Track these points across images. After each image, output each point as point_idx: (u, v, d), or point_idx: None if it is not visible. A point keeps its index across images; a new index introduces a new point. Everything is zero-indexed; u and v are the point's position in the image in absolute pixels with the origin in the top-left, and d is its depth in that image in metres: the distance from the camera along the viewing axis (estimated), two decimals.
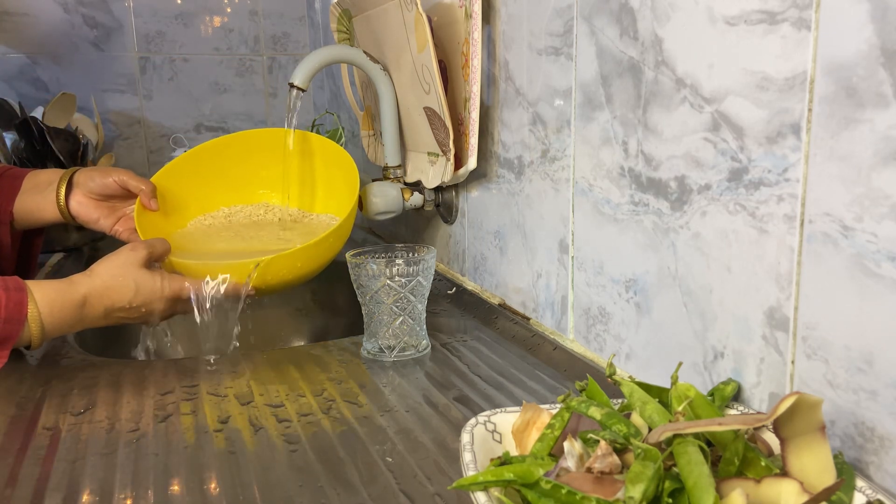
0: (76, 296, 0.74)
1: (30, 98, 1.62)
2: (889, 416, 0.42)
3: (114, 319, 0.78)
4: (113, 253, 0.79)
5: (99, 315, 0.76)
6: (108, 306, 0.76)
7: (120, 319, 0.78)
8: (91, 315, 0.76)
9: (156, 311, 0.80)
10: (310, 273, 0.90)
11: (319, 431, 0.60)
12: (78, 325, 0.76)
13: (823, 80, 0.44)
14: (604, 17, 0.65)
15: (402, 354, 0.77)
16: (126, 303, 0.77)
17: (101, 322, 0.77)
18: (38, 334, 0.72)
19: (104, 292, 0.76)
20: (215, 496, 0.50)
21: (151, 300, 0.78)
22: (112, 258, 0.78)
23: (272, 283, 0.85)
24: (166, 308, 0.80)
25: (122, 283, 0.77)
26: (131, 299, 0.77)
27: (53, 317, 0.73)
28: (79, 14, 1.66)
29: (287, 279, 0.87)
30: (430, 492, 0.50)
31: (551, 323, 0.79)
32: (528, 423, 0.50)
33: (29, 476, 0.53)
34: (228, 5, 1.78)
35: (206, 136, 1.81)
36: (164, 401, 0.67)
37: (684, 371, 0.58)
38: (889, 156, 0.41)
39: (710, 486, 0.37)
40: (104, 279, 0.77)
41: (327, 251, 0.89)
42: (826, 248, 0.45)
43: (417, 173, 1.06)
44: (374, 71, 1.05)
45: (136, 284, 0.78)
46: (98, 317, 0.76)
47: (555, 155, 0.76)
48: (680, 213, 0.58)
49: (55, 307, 0.73)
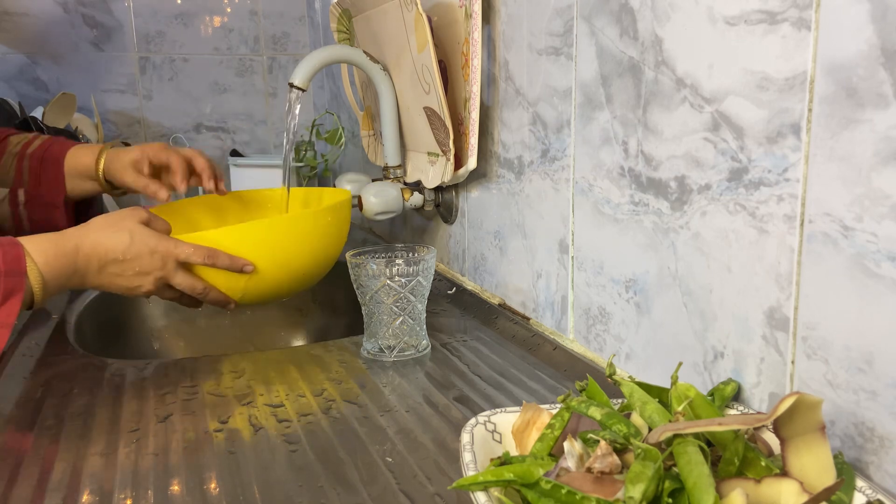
0: (69, 244, 0.73)
1: (30, 98, 1.63)
2: (889, 416, 0.42)
3: (109, 277, 0.76)
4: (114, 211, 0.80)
5: (94, 268, 0.75)
6: (102, 257, 0.75)
7: (115, 279, 0.76)
8: (86, 267, 0.74)
9: (150, 272, 0.77)
10: (304, 269, 0.88)
11: (319, 431, 0.60)
12: (76, 278, 0.74)
13: (823, 80, 0.44)
14: (604, 17, 0.65)
15: (402, 354, 0.77)
16: (120, 254, 0.75)
17: (98, 279, 0.76)
18: (38, 287, 0.70)
19: (97, 240, 0.75)
20: (215, 496, 0.50)
21: (143, 254, 0.76)
22: (111, 213, 0.79)
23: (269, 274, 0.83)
24: (160, 271, 0.78)
25: (115, 233, 0.76)
26: (125, 250, 0.75)
27: (49, 266, 0.71)
28: (79, 14, 1.66)
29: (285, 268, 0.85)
30: (430, 492, 0.50)
31: (551, 323, 0.79)
32: (528, 423, 0.50)
33: (29, 476, 0.53)
34: (228, 5, 1.78)
35: (206, 135, 1.81)
36: (164, 401, 0.67)
37: (684, 371, 0.58)
38: (889, 156, 0.41)
39: (710, 486, 0.37)
40: (98, 226, 0.76)
41: (322, 237, 0.88)
42: (826, 248, 0.45)
43: (417, 173, 1.06)
44: (374, 71, 1.05)
45: (131, 235, 0.76)
46: (93, 269, 0.75)
47: (555, 155, 0.76)
48: (680, 213, 0.58)
49: (49, 256, 0.71)
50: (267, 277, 0.84)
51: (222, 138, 1.83)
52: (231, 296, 0.83)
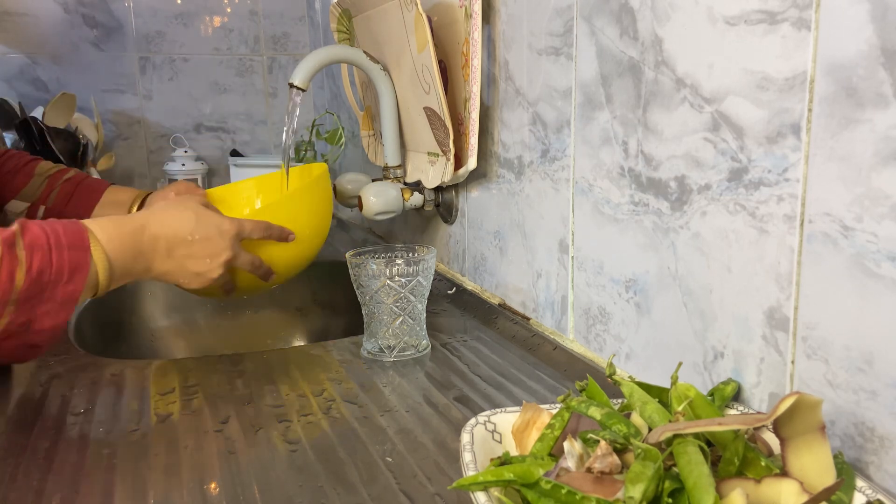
0: (134, 223, 0.71)
1: (30, 98, 1.63)
2: (889, 416, 0.42)
3: (178, 260, 0.74)
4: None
5: (161, 249, 0.72)
6: (170, 237, 0.72)
7: (185, 262, 0.74)
8: (153, 248, 0.72)
9: (219, 253, 0.75)
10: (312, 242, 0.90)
11: (319, 431, 0.60)
12: (141, 260, 0.71)
13: (823, 80, 0.44)
14: (604, 17, 0.65)
15: (402, 354, 0.77)
16: (187, 233, 0.73)
17: (165, 261, 0.73)
18: (104, 268, 0.67)
19: (163, 220, 0.73)
20: (215, 496, 0.50)
21: (211, 234, 0.75)
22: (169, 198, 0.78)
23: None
24: (229, 251, 0.76)
25: (180, 212, 0.74)
26: (192, 230, 0.74)
27: (113, 244, 0.69)
28: (79, 14, 1.66)
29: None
30: (430, 492, 0.50)
31: (551, 323, 0.79)
32: (528, 423, 0.50)
33: (29, 476, 0.53)
34: (228, 5, 1.78)
35: (206, 135, 1.81)
36: (164, 401, 0.67)
37: (684, 371, 0.58)
38: (889, 156, 0.41)
39: (710, 486, 0.37)
40: (162, 208, 0.74)
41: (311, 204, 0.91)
42: (826, 248, 0.45)
43: (417, 173, 1.06)
44: (374, 71, 1.05)
45: (196, 214, 0.75)
46: (160, 251, 0.72)
47: (555, 155, 0.76)
48: (680, 213, 0.58)
49: (113, 234, 0.69)
50: (289, 251, 0.87)
51: (222, 138, 1.83)
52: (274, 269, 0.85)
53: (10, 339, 0.64)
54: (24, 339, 0.64)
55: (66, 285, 0.64)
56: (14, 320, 0.62)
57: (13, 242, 0.62)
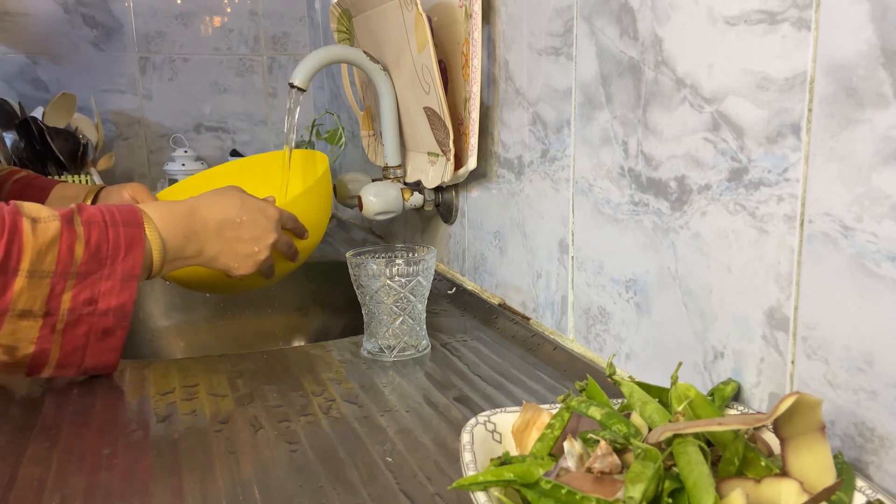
0: (184, 206, 0.73)
1: (30, 98, 1.63)
2: (889, 416, 0.42)
3: (227, 242, 0.76)
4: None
5: (212, 230, 0.74)
6: (219, 219, 0.75)
7: (234, 244, 0.76)
8: (204, 228, 0.74)
9: (263, 236, 0.78)
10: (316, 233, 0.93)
11: (319, 431, 0.60)
12: (194, 241, 0.73)
13: (823, 80, 0.44)
14: (604, 17, 0.65)
15: (402, 354, 0.77)
16: (235, 215, 0.76)
17: (216, 243, 0.75)
18: (157, 244, 0.69)
19: (211, 204, 0.75)
20: (215, 496, 0.50)
21: (256, 217, 0.77)
22: (211, 190, 0.80)
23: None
24: (273, 234, 0.79)
25: (226, 198, 0.77)
26: (238, 212, 0.76)
27: (165, 222, 0.70)
28: (79, 14, 1.66)
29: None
30: (430, 492, 0.50)
31: (551, 323, 0.79)
32: (528, 423, 0.50)
33: (29, 476, 0.53)
34: (228, 5, 1.78)
35: (206, 135, 1.81)
36: (164, 401, 0.67)
37: (684, 371, 0.58)
38: (889, 156, 0.41)
39: (710, 486, 0.37)
40: (206, 194, 0.77)
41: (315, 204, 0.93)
42: (826, 248, 0.45)
43: (417, 173, 1.06)
44: (374, 71, 1.05)
45: (241, 199, 0.77)
46: (211, 232, 0.74)
47: (555, 155, 0.76)
48: (680, 213, 0.58)
49: (165, 214, 0.71)
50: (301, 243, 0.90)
51: (222, 138, 1.83)
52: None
53: (80, 325, 0.65)
54: (94, 324, 0.66)
55: (124, 261, 0.66)
56: (77, 296, 0.64)
57: (71, 218, 0.65)
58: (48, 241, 0.62)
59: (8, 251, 0.60)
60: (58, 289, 0.63)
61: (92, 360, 0.68)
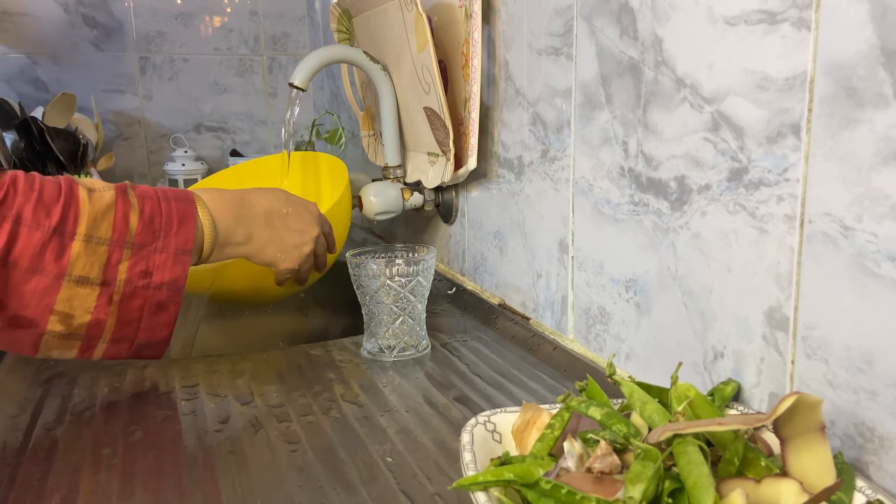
0: (232, 192, 0.75)
1: (30, 98, 1.63)
2: (889, 416, 0.42)
3: (276, 230, 0.77)
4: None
5: (260, 217, 0.75)
6: (267, 208, 0.76)
7: (282, 233, 0.77)
8: (252, 214, 0.75)
9: (308, 230, 0.80)
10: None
11: (319, 431, 0.60)
12: (242, 225, 0.74)
13: (823, 80, 0.44)
14: (604, 17, 0.65)
15: (402, 354, 0.77)
16: (282, 206, 0.77)
17: (265, 229, 0.76)
18: (208, 224, 0.70)
19: (257, 193, 0.77)
20: (215, 496, 0.50)
21: (301, 211, 0.80)
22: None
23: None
24: (316, 228, 0.81)
25: (271, 191, 0.79)
26: (285, 203, 0.78)
27: (216, 204, 0.72)
28: (79, 14, 1.66)
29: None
30: (430, 492, 0.50)
31: (551, 323, 0.79)
32: (528, 423, 0.50)
33: (29, 476, 0.53)
34: (228, 5, 1.78)
35: (206, 135, 1.81)
36: (164, 401, 0.67)
37: (684, 371, 0.58)
38: (889, 156, 0.41)
39: (710, 486, 0.37)
40: (252, 188, 0.78)
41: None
42: (826, 248, 0.45)
43: (417, 173, 1.06)
44: (374, 71, 1.05)
45: (285, 193, 0.80)
46: (259, 218, 0.75)
47: (555, 155, 0.76)
48: (680, 213, 0.58)
49: (215, 197, 0.72)
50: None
51: (222, 138, 1.83)
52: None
53: (136, 297, 0.65)
54: (149, 297, 0.65)
55: (176, 234, 0.66)
56: (133, 267, 0.64)
57: (125, 190, 0.66)
58: (104, 208, 0.63)
59: (64, 215, 0.61)
60: (114, 258, 0.63)
61: (145, 335, 0.67)
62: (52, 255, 0.60)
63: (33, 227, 0.59)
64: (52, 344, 0.63)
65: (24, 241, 0.59)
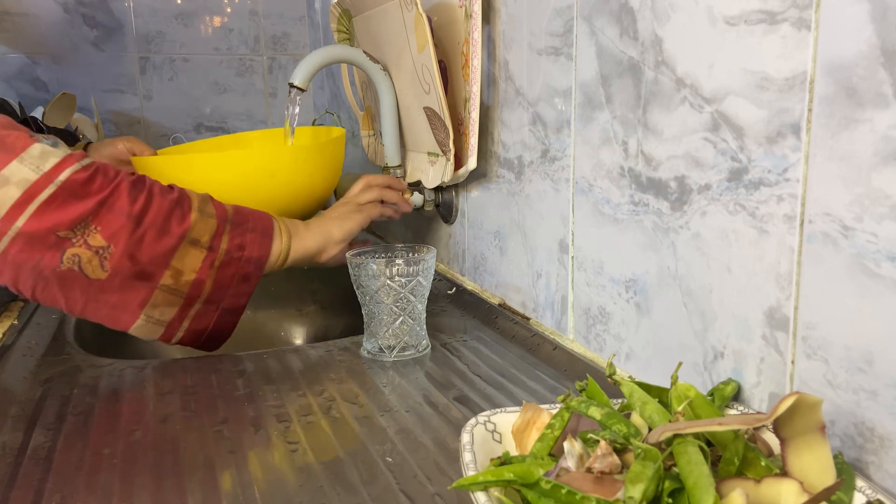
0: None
1: (30, 98, 1.62)
2: (889, 416, 0.42)
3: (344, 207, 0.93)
4: None
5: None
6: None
7: (329, 216, 0.90)
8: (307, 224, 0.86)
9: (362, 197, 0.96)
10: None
11: (319, 431, 0.60)
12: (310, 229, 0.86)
13: (823, 80, 0.44)
14: (604, 17, 0.65)
15: (402, 354, 0.77)
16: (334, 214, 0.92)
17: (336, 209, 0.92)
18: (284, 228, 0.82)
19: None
20: (215, 496, 0.50)
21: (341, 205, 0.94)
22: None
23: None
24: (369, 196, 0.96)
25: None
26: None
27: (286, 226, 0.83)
28: (79, 14, 1.66)
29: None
30: (430, 492, 0.50)
31: (551, 323, 0.79)
32: (528, 423, 0.50)
33: (29, 476, 0.53)
34: (228, 5, 1.78)
35: (206, 136, 1.81)
36: (164, 401, 0.67)
37: (684, 371, 0.58)
38: (889, 156, 0.41)
39: (710, 486, 0.37)
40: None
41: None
42: (826, 248, 0.45)
43: (417, 173, 1.06)
44: (374, 71, 1.05)
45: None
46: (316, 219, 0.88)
47: (555, 155, 0.76)
48: (680, 213, 0.58)
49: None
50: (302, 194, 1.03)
51: None
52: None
53: (230, 265, 0.76)
54: (239, 268, 0.77)
55: (259, 219, 0.80)
56: (233, 239, 0.77)
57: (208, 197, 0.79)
58: (204, 197, 0.78)
59: (181, 196, 0.75)
60: (220, 228, 0.76)
61: (230, 301, 0.78)
62: (176, 220, 0.73)
63: (162, 197, 0.73)
64: (159, 299, 0.73)
65: (157, 208, 0.72)
